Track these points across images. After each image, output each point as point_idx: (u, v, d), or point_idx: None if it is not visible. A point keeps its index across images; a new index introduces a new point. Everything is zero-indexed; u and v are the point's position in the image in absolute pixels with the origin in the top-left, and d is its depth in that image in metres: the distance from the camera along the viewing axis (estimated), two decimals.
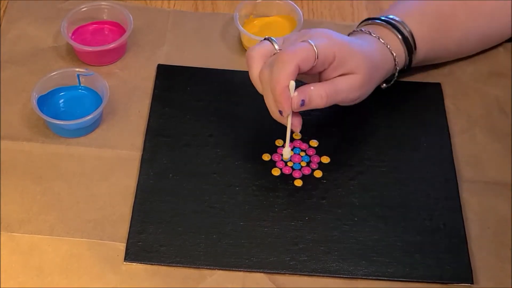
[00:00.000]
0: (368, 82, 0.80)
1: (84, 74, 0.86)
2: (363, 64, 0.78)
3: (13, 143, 0.83)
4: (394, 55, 0.83)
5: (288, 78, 0.74)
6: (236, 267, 0.74)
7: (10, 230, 0.76)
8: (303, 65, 0.74)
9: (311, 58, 0.75)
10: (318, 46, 0.75)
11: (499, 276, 0.75)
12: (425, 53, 0.86)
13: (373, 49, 0.81)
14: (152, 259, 0.74)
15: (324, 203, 0.79)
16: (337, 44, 0.77)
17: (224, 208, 0.78)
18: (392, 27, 0.83)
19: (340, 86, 0.77)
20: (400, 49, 0.83)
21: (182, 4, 0.99)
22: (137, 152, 0.83)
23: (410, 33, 0.83)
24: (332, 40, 0.77)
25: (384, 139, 0.85)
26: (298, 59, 0.74)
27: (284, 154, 0.80)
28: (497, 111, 0.88)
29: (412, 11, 0.86)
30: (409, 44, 0.83)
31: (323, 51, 0.75)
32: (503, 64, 0.92)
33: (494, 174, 0.82)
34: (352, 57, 0.77)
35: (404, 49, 0.83)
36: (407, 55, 0.84)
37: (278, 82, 0.74)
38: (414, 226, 0.78)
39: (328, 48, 0.76)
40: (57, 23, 0.92)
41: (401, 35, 0.83)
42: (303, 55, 0.74)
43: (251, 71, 0.78)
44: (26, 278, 0.73)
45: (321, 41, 0.76)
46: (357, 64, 0.78)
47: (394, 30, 0.83)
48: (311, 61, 0.75)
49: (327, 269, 0.74)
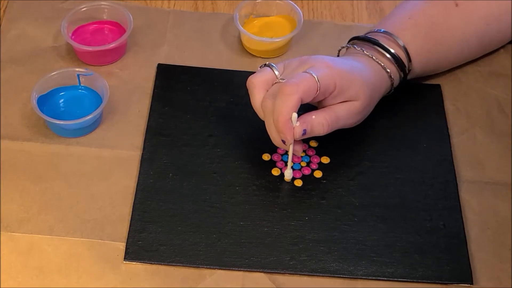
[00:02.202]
0: (367, 107, 0.80)
1: (84, 74, 0.86)
2: (362, 91, 0.78)
3: (13, 143, 0.83)
4: (389, 72, 0.82)
5: (291, 110, 0.74)
6: (236, 267, 0.74)
7: (10, 229, 0.76)
8: (306, 97, 0.75)
9: (313, 90, 0.75)
10: (320, 77, 0.75)
11: (499, 276, 0.75)
12: (422, 65, 0.86)
13: (370, 72, 0.81)
14: (151, 258, 0.74)
15: (324, 203, 0.79)
16: (338, 74, 0.77)
17: (224, 208, 0.78)
18: (378, 46, 0.83)
19: (340, 114, 0.78)
20: (392, 67, 0.83)
21: (182, 4, 0.99)
22: (137, 152, 0.83)
23: (404, 48, 0.83)
24: (333, 69, 0.77)
25: (384, 140, 0.85)
26: (300, 92, 0.74)
27: (286, 175, 0.80)
28: (497, 111, 0.88)
29: (405, 24, 0.85)
30: (399, 60, 0.83)
31: (324, 82, 0.75)
32: (503, 64, 0.92)
33: (494, 174, 0.82)
34: (352, 85, 0.78)
35: (396, 67, 0.83)
36: (400, 71, 0.84)
37: (280, 114, 0.74)
38: (414, 226, 0.78)
39: (330, 78, 0.76)
40: (57, 23, 0.92)
41: (390, 54, 0.82)
42: (305, 87, 0.75)
43: (253, 100, 0.78)
44: (25, 278, 0.73)
45: (323, 71, 0.76)
46: (356, 91, 0.78)
47: (381, 50, 0.83)
48: (313, 93, 0.75)
49: (327, 269, 0.74)
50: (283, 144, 0.77)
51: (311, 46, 0.94)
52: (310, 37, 0.95)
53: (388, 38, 0.83)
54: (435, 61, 0.87)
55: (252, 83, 0.78)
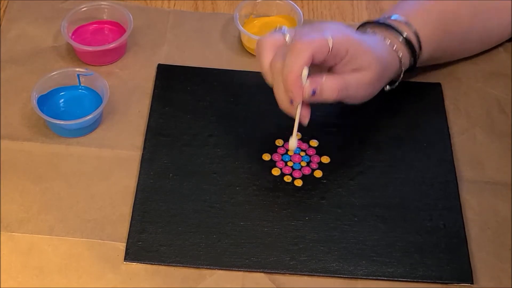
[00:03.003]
0: (377, 80, 0.79)
1: (84, 74, 0.86)
2: (374, 62, 0.78)
3: (13, 143, 0.83)
4: (400, 56, 0.82)
5: (301, 66, 0.73)
6: (236, 267, 0.74)
7: (10, 229, 0.76)
8: (317, 55, 0.74)
9: (324, 50, 0.74)
10: (333, 39, 0.74)
11: (499, 276, 0.75)
12: (430, 53, 0.85)
13: (382, 49, 0.81)
14: (152, 259, 0.74)
15: (324, 203, 0.79)
16: (350, 40, 0.77)
17: (224, 208, 0.78)
18: (392, 29, 0.83)
19: (350, 82, 0.77)
20: (404, 51, 0.83)
21: (182, 4, 0.99)
22: (137, 152, 0.83)
23: (415, 34, 0.83)
24: (346, 36, 0.77)
25: (384, 139, 0.85)
26: (312, 49, 0.73)
27: (290, 145, 0.78)
28: (497, 111, 0.88)
29: (417, 10, 0.85)
30: (411, 45, 0.83)
31: (336, 44, 0.75)
32: (503, 64, 0.92)
33: (494, 174, 0.82)
34: (364, 54, 0.77)
35: (408, 51, 0.83)
36: (411, 56, 0.84)
37: (291, 71, 0.73)
38: (414, 226, 0.78)
39: (342, 42, 0.75)
40: (57, 23, 0.92)
41: (403, 38, 0.82)
42: (316, 45, 0.74)
43: (261, 60, 0.77)
44: (25, 278, 0.73)
45: (335, 35, 0.75)
46: (368, 61, 0.77)
47: (395, 32, 0.83)
48: (324, 53, 0.74)
49: (327, 269, 0.74)
50: (290, 107, 0.75)
51: None
52: None
53: (401, 23, 0.83)
54: (441, 51, 0.87)
55: (261, 44, 0.77)
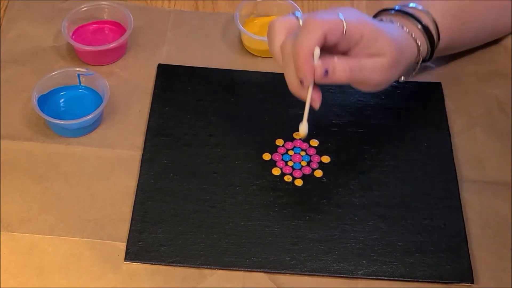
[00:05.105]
0: (394, 66, 0.77)
1: (84, 73, 0.86)
2: (390, 47, 0.75)
3: (13, 143, 0.83)
4: (418, 44, 0.81)
5: (313, 44, 0.70)
6: (236, 267, 0.74)
7: (10, 229, 0.76)
8: (330, 35, 0.71)
9: (339, 31, 0.72)
10: (347, 21, 0.72)
11: (500, 275, 0.75)
12: (446, 42, 0.84)
13: (400, 35, 0.79)
14: (152, 258, 0.74)
15: (324, 203, 0.79)
16: (366, 24, 0.74)
17: (224, 208, 0.78)
18: (410, 17, 0.81)
19: (364, 64, 0.74)
20: (422, 39, 0.82)
21: (182, 3, 0.99)
22: (137, 152, 0.83)
23: (434, 23, 0.82)
24: (361, 19, 0.74)
25: (385, 139, 0.85)
26: (325, 28, 0.71)
27: (301, 130, 0.74)
28: (498, 110, 0.88)
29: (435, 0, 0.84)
30: (430, 34, 0.82)
31: (351, 27, 0.72)
32: (504, 63, 0.92)
33: (495, 173, 0.82)
34: (379, 38, 0.75)
35: (426, 39, 0.82)
36: (429, 45, 0.82)
37: (302, 48, 0.70)
38: (415, 225, 0.78)
39: (357, 26, 0.73)
40: (58, 22, 0.92)
41: (421, 25, 0.81)
42: (331, 25, 0.71)
43: (272, 42, 0.75)
44: (26, 278, 0.73)
45: (351, 17, 0.73)
46: (384, 46, 0.75)
47: (414, 20, 0.81)
48: (338, 34, 0.72)
49: (327, 268, 0.74)
50: (301, 89, 0.73)
51: None
52: None
53: (419, 11, 0.82)
54: (456, 41, 0.87)
55: (274, 26, 0.75)
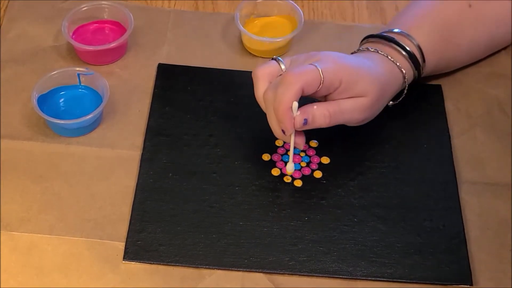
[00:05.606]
0: (376, 104, 0.80)
1: (84, 73, 0.86)
2: (370, 87, 0.78)
3: (13, 142, 0.83)
4: (403, 72, 0.82)
5: (291, 99, 0.74)
6: (235, 267, 0.74)
7: (10, 229, 0.76)
8: (307, 88, 0.74)
9: (316, 82, 0.75)
10: (324, 70, 0.75)
11: (499, 277, 0.75)
12: (434, 64, 0.85)
13: (382, 70, 0.80)
14: (151, 258, 0.74)
15: (323, 204, 0.79)
16: (345, 69, 0.77)
17: (223, 208, 0.78)
18: (394, 44, 0.82)
19: (344, 107, 0.77)
20: (408, 65, 0.83)
21: (182, 3, 0.99)
22: (137, 152, 0.83)
23: (418, 47, 0.83)
24: (339, 65, 0.77)
25: (384, 140, 0.85)
26: (302, 82, 0.74)
27: (288, 169, 0.80)
28: (497, 111, 0.88)
29: (418, 22, 0.85)
30: (415, 59, 0.82)
31: (328, 76, 0.75)
32: (503, 65, 0.92)
33: (494, 175, 0.82)
34: (359, 81, 0.77)
35: (411, 65, 0.83)
36: (415, 70, 0.83)
37: (281, 103, 0.74)
38: (414, 227, 0.78)
39: (335, 73, 0.76)
40: (58, 22, 0.92)
41: (406, 52, 0.82)
42: (308, 78, 0.74)
43: (256, 91, 0.78)
44: (25, 278, 0.73)
45: (328, 65, 0.76)
46: (364, 87, 0.77)
47: (398, 47, 0.82)
48: (315, 85, 0.75)
49: (326, 269, 0.74)
50: (284, 135, 0.76)
51: (311, 46, 0.94)
52: (311, 37, 0.95)
53: (403, 36, 0.83)
54: (445, 61, 0.87)
55: (256, 75, 0.78)
